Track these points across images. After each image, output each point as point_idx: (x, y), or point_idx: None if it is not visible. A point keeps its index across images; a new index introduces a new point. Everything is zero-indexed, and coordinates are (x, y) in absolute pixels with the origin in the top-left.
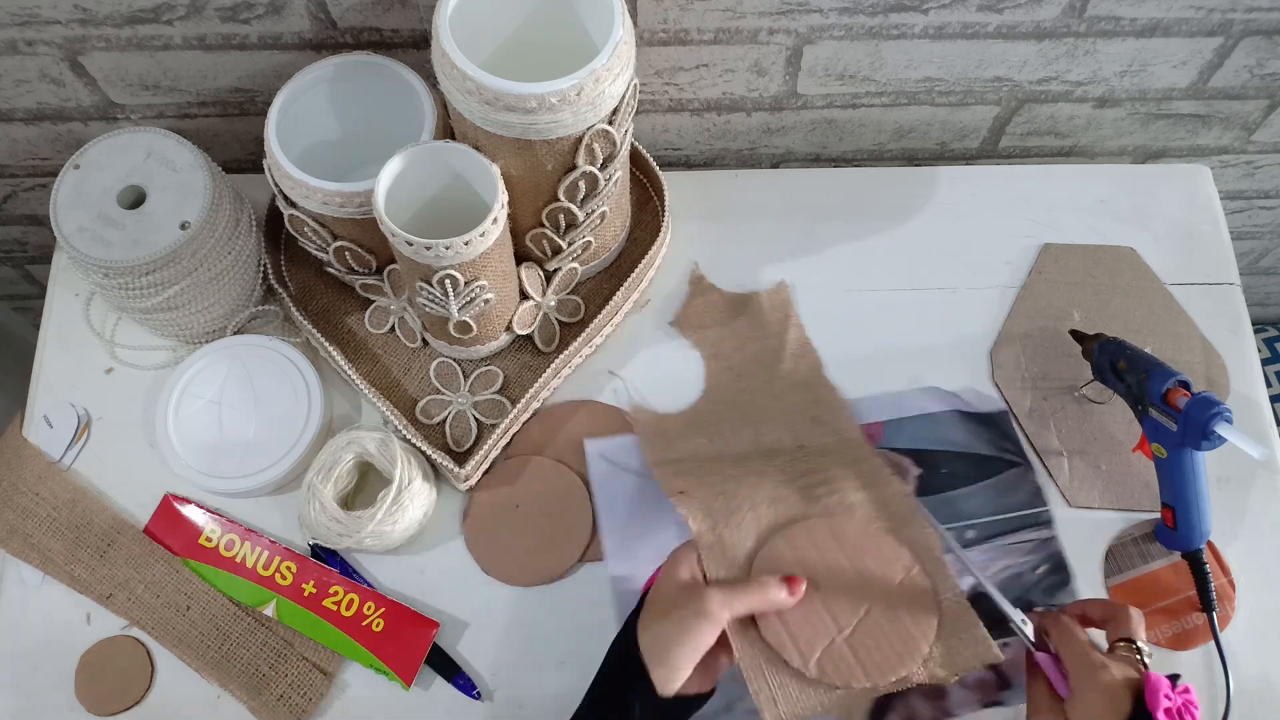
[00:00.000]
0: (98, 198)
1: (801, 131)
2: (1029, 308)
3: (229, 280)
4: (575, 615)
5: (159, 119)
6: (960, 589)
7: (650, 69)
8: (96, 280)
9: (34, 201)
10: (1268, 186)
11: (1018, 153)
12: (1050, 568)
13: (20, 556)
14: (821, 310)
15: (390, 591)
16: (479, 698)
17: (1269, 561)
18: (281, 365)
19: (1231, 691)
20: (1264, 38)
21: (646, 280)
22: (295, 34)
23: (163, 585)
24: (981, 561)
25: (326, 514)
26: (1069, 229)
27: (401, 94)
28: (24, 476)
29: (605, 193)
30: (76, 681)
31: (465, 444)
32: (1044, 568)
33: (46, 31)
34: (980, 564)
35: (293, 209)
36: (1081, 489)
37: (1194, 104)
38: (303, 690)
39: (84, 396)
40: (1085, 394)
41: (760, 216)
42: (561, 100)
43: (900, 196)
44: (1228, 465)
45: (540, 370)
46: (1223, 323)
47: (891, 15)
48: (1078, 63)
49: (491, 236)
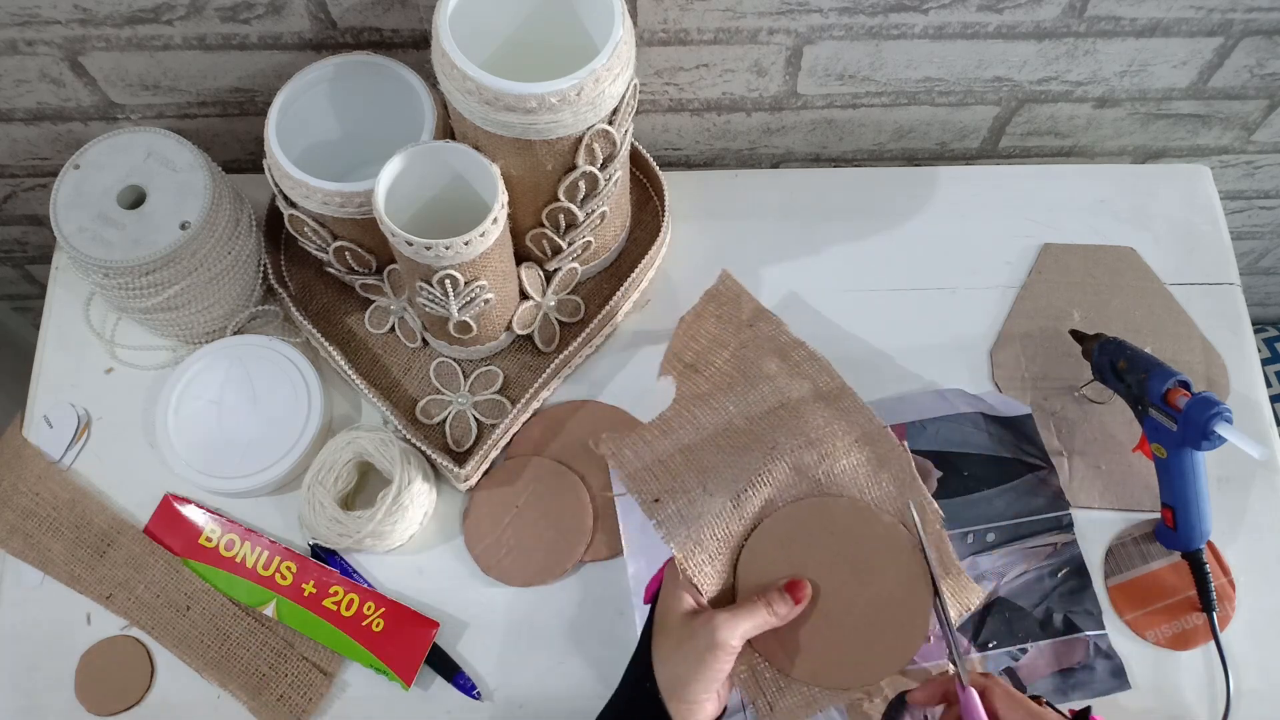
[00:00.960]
0: (98, 198)
1: (801, 131)
2: (1029, 308)
3: (229, 280)
4: (575, 615)
5: (159, 119)
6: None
7: (650, 69)
8: (96, 280)
9: (34, 201)
10: (1268, 186)
11: (1018, 153)
12: (1070, 571)
13: (20, 556)
14: (821, 310)
15: (390, 591)
16: (479, 698)
17: (1269, 561)
18: (281, 365)
19: (1231, 691)
20: (1264, 38)
21: (646, 280)
22: (295, 34)
23: (163, 585)
24: (1001, 565)
25: (326, 514)
26: (1069, 229)
27: (401, 94)
28: (24, 476)
29: (605, 193)
30: (76, 681)
31: (465, 444)
32: (1064, 571)
33: (46, 31)
34: (1000, 567)
35: (293, 209)
36: (1081, 489)
37: (1194, 104)
38: (303, 690)
39: (84, 396)
40: (1085, 394)
41: (760, 216)
42: (561, 100)
43: (900, 196)
44: (1228, 465)
45: (540, 370)
46: (1223, 323)
47: (891, 15)
48: (1078, 63)
49: (491, 236)
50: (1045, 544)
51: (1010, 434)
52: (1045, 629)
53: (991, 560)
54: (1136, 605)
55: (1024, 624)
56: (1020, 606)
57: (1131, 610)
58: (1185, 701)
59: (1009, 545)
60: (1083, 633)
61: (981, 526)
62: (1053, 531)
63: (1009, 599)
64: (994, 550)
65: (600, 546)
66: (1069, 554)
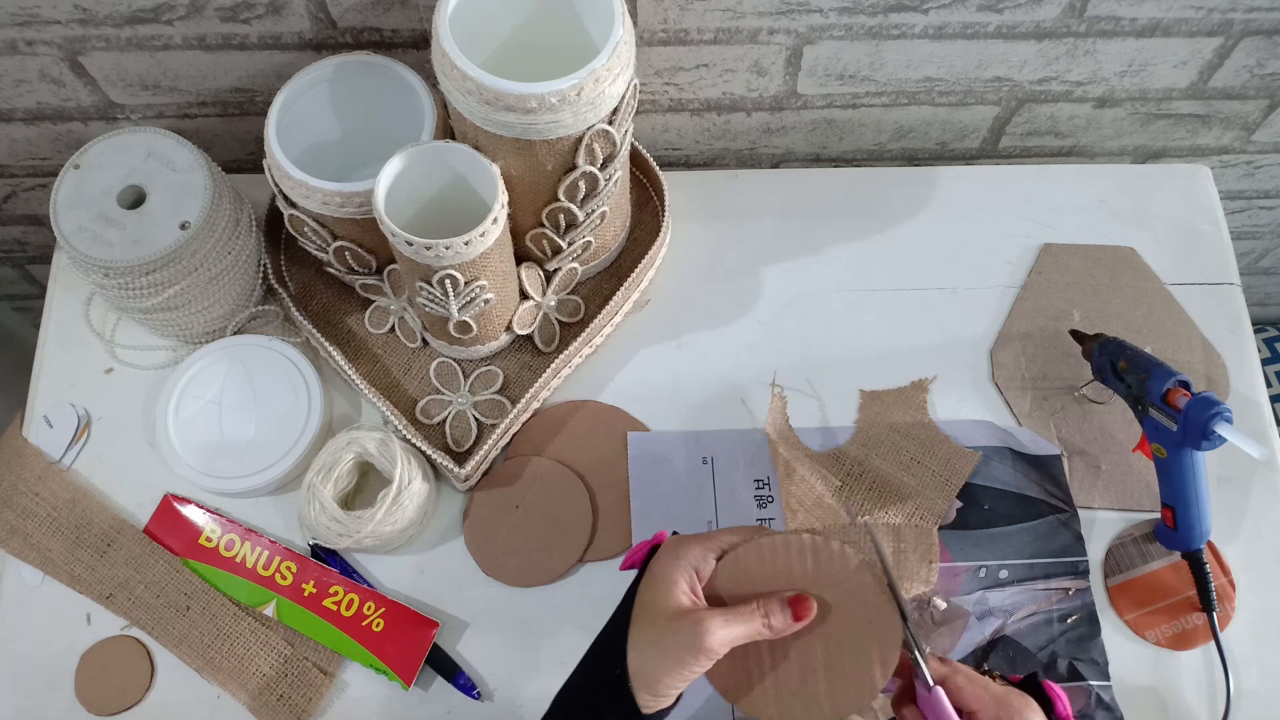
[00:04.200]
0: (98, 198)
1: (801, 131)
2: (1029, 308)
3: (229, 280)
4: (575, 615)
5: (159, 119)
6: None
7: (650, 69)
8: (96, 280)
9: (34, 201)
10: (1268, 186)
11: (1018, 153)
12: (1080, 618)
13: (20, 556)
14: (821, 310)
15: (390, 591)
16: (479, 698)
17: (1269, 561)
18: (281, 365)
19: (1231, 691)
20: (1264, 38)
21: (646, 280)
22: (295, 34)
23: (163, 585)
24: (1010, 603)
25: (326, 514)
26: (1069, 229)
27: (401, 94)
28: (24, 476)
29: (605, 193)
30: (76, 681)
31: (465, 444)
32: (1074, 617)
33: (46, 31)
34: (1009, 605)
35: (293, 209)
36: (1081, 489)
37: (1194, 104)
38: (303, 690)
39: (84, 396)
40: (1085, 394)
41: (760, 216)
42: (561, 100)
43: (900, 196)
44: (1228, 465)
45: (540, 370)
46: (1223, 323)
47: (891, 15)
48: (1078, 63)
49: (491, 236)
50: (1059, 587)
51: (1036, 473)
52: (1048, 673)
53: (1001, 597)
54: (1136, 605)
55: (1027, 664)
56: (1025, 647)
57: (1131, 610)
58: (1185, 701)
59: (1021, 584)
60: (1086, 681)
61: (996, 562)
62: (1068, 576)
63: (1014, 638)
64: (1005, 587)
65: (600, 546)
66: (1081, 600)
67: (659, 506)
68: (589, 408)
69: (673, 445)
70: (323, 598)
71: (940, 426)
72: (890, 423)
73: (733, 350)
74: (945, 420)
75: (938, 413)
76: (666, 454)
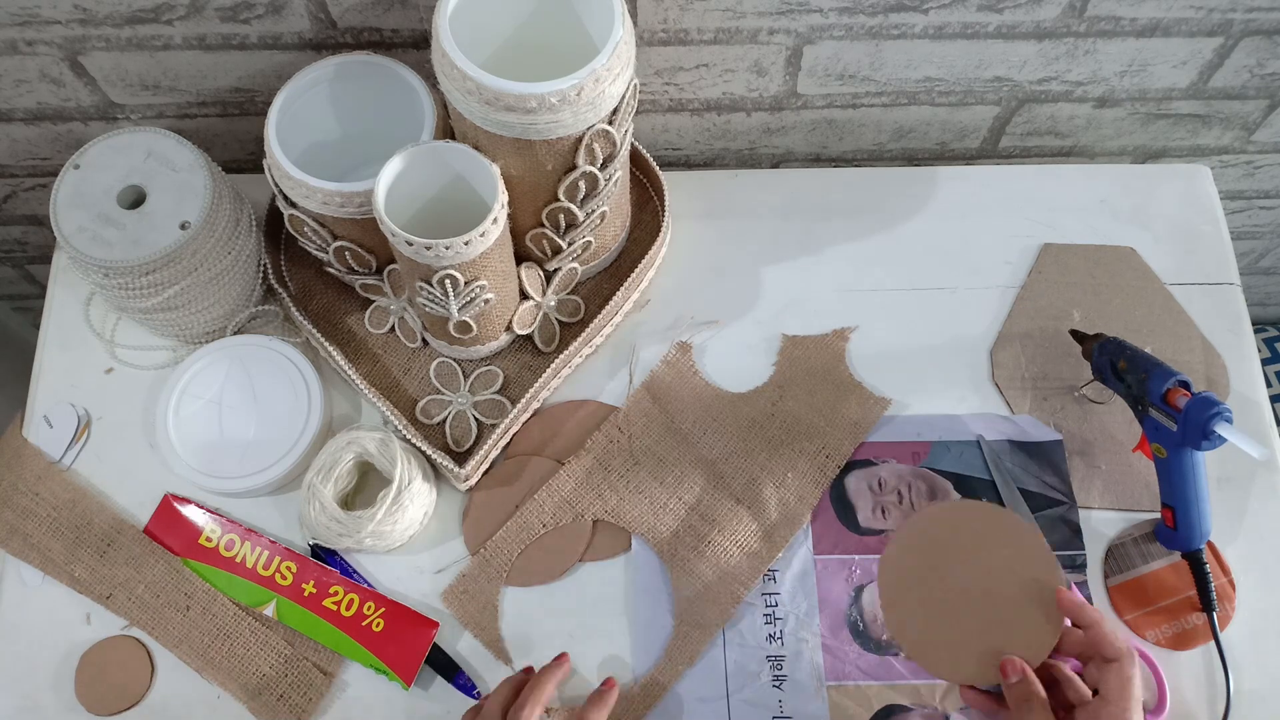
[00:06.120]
0: (98, 198)
1: (801, 131)
2: (1029, 308)
3: (229, 280)
4: (575, 615)
5: (159, 119)
6: None
7: (650, 69)
8: (96, 280)
9: (34, 201)
10: (1268, 186)
11: (1018, 153)
12: None
13: (20, 556)
14: (821, 310)
15: (390, 591)
16: (479, 698)
17: (1269, 561)
18: (281, 365)
19: (1231, 691)
20: (1264, 38)
21: (646, 280)
22: (295, 34)
23: (163, 585)
24: None
25: (326, 514)
26: (1069, 229)
27: (401, 94)
28: (24, 476)
29: (605, 193)
30: (76, 681)
31: (465, 444)
32: None
33: (46, 31)
34: None
35: (293, 209)
36: (1081, 489)
37: (1194, 104)
38: (303, 690)
39: (84, 396)
40: (1085, 394)
41: (760, 216)
42: (561, 100)
43: (900, 196)
44: (1228, 465)
45: (540, 370)
46: (1223, 323)
47: (891, 15)
48: (1078, 63)
49: (491, 236)
50: None
51: (1035, 464)
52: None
53: None
54: (1136, 605)
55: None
56: None
57: (1131, 610)
58: (1185, 701)
59: None
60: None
61: None
62: (1065, 569)
63: None
64: None
65: (600, 546)
66: (1080, 595)
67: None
68: (589, 408)
69: None
70: (323, 598)
71: (940, 418)
72: (808, 367)
73: (733, 350)
74: (944, 414)
75: (931, 407)
76: None
